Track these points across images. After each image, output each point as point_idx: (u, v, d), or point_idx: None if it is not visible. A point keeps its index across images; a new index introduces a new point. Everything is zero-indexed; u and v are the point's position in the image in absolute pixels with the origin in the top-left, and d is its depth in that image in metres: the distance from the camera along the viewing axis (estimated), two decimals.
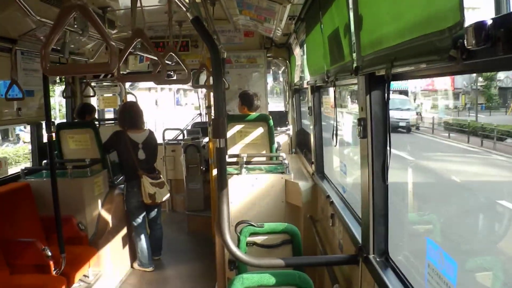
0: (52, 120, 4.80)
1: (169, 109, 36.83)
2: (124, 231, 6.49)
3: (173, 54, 4.48)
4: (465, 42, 1.35)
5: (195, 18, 2.64)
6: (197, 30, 2.69)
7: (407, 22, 1.85)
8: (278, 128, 8.14)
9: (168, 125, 11.08)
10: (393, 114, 17.02)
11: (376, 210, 2.70)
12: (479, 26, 1.28)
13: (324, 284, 4.17)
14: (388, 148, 2.41)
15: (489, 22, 1.26)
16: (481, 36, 1.28)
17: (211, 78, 6.68)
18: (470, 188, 9.86)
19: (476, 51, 1.34)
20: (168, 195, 6.61)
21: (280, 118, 8.65)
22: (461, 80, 19.88)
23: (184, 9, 2.59)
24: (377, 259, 2.73)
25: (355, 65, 2.70)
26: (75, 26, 4.46)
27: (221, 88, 2.88)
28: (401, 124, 18.22)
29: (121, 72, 3.91)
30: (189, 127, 10.95)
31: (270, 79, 12.15)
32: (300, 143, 7.57)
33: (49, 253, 4.54)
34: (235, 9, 5.47)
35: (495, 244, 6.58)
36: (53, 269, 4.56)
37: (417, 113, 20.38)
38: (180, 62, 4.43)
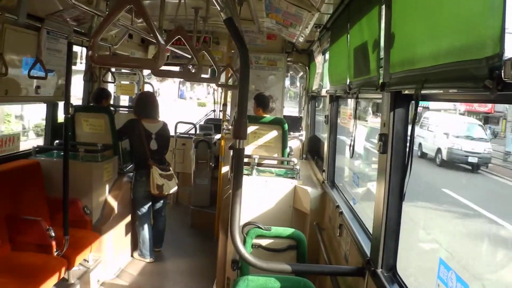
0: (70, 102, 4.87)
1: (168, 103, 33.11)
2: (128, 219, 6.53)
3: (206, 53, 4.51)
4: (503, 74, 1.37)
5: (228, 19, 2.66)
6: (230, 31, 2.71)
7: (442, 45, 1.88)
8: (291, 133, 8.15)
9: None
10: (460, 144, 14.40)
11: (389, 225, 2.72)
12: None
13: None
14: (408, 166, 2.43)
15: None
16: None
17: (230, 77, 6.75)
18: None
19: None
20: (176, 188, 6.64)
21: (293, 123, 8.67)
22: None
23: (219, 8, 2.62)
24: (385, 274, 2.75)
25: (381, 80, 2.72)
26: (107, 11, 4.51)
27: (246, 89, 2.90)
28: (470, 159, 14.19)
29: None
30: (202, 122, 10.98)
31: (286, 83, 12.17)
32: (312, 149, 7.58)
33: (53, 234, 4.60)
34: (262, 12, 5.51)
35: None
36: (54, 250, 4.60)
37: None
38: (212, 61, 4.46)
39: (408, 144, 2.56)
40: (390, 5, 2.58)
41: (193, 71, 5.86)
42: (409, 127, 2.57)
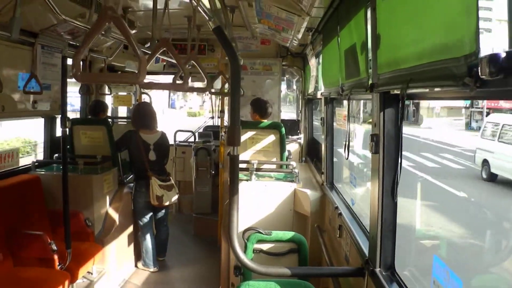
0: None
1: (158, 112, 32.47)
2: (130, 230, 6.54)
3: (194, 63, 4.54)
4: (479, 71, 1.40)
5: (217, 28, 2.71)
6: (219, 39, 2.76)
7: (425, 46, 1.91)
8: (290, 136, 8.18)
9: None
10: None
11: (385, 225, 2.74)
12: (493, 58, 1.34)
13: None
14: (399, 165, 2.46)
15: (503, 54, 1.32)
16: (494, 67, 1.33)
17: (225, 84, 6.78)
18: None
19: (489, 81, 1.40)
20: (176, 197, 6.64)
21: (291, 126, 8.69)
22: None
23: (207, 18, 2.66)
24: (383, 273, 2.77)
25: (370, 82, 2.75)
26: None
27: (238, 96, 2.93)
28: None
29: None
30: (201, 130, 11.01)
31: (283, 87, 12.18)
32: (311, 152, 7.60)
33: (55, 248, 4.60)
34: (254, 18, 5.54)
35: None
36: (57, 263, 4.61)
37: None
38: (201, 71, 4.49)
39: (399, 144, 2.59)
40: (375, 8, 2.62)
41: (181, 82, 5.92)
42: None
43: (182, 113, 46.83)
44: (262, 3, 4.60)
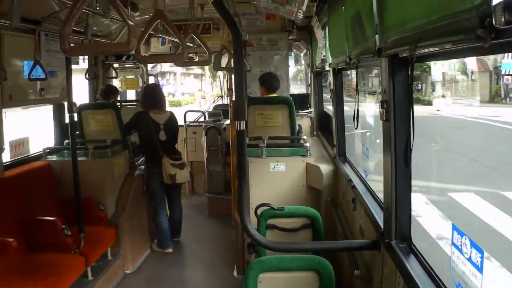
0: (74, 101, 4.86)
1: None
2: (144, 212, 6.57)
3: (194, 36, 4.46)
4: (493, 21, 1.29)
5: (216, 0, 2.61)
6: (219, 12, 2.67)
7: (432, 1, 1.80)
8: (300, 111, 8.09)
9: None
10: None
11: (399, 194, 2.65)
12: (509, 4, 1.22)
13: (344, 269, 4.15)
14: (412, 130, 2.36)
15: None
16: (511, 15, 1.22)
17: (232, 61, 6.69)
18: None
19: (505, 30, 1.29)
20: (188, 175, 6.69)
21: (301, 101, 8.60)
22: None
23: None
24: (400, 245, 2.68)
25: (377, 46, 2.64)
26: (97, 8, 4.48)
27: (242, 70, 2.86)
28: None
29: (143, 54, 3.91)
30: (210, 109, 10.95)
31: (291, 62, 12.04)
32: (322, 126, 7.51)
33: (68, 232, 4.63)
34: None
35: None
36: (71, 248, 4.64)
37: None
38: (201, 44, 4.41)
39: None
40: None
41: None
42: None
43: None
44: None
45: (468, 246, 2.00)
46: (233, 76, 7.68)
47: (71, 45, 1.87)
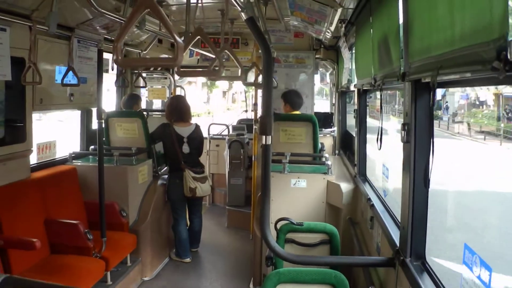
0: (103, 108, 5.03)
1: None
2: (164, 220, 6.64)
3: (228, 52, 4.60)
4: (508, 55, 1.40)
5: (249, 19, 2.73)
6: (251, 30, 2.79)
7: (455, 32, 1.90)
8: (323, 129, 8.16)
9: None
10: None
11: (416, 214, 2.73)
12: None
13: (359, 285, 4.21)
14: (431, 153, 2.44)
15: None
16: None
17: (259, 77, 6.83)
18: None
19: None
20: (209, 189, 6.75)
21: (325, 119, 8.68)
22: None
23: (240, 9, 2.69)
24: (414, 263, 2.76)
25: (402, 70, 2.74)
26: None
27: (270, 87, 2.96)
28: None
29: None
30: (234, 123, 11.08)
31: (317, 80, 12.14)
32: (344, 145, 7.58)
33: (90, 236, 4.72)
34: (286, 10, 5.55)
35: None
36: (92, 252, 4.75)
37: None
38: (235, 60, 4.54)
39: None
40: None
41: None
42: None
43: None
44: None
45: (478, 265, 2.08)
46: (259, 91, 7.87)
47: (124, 58, 2.01)
